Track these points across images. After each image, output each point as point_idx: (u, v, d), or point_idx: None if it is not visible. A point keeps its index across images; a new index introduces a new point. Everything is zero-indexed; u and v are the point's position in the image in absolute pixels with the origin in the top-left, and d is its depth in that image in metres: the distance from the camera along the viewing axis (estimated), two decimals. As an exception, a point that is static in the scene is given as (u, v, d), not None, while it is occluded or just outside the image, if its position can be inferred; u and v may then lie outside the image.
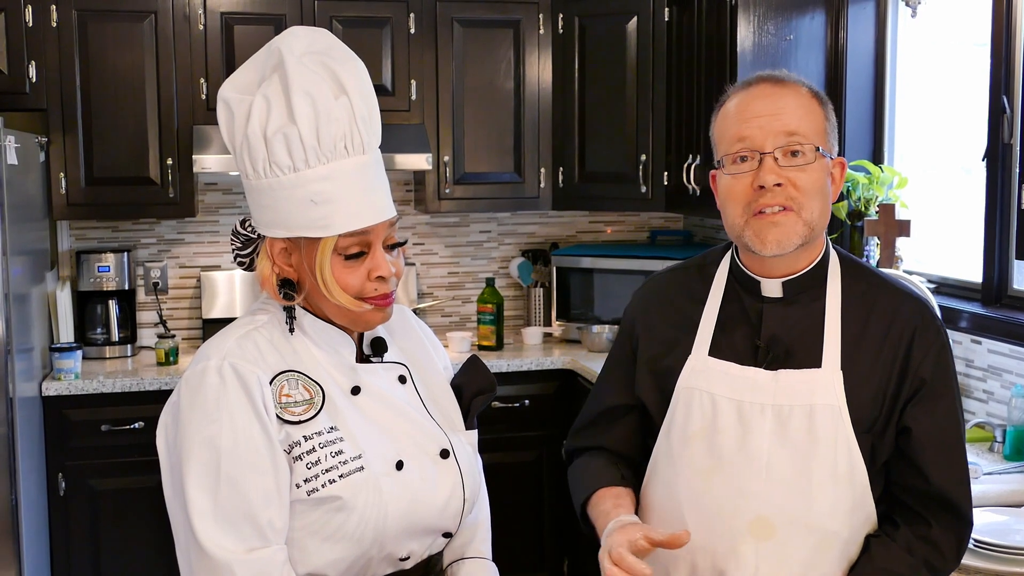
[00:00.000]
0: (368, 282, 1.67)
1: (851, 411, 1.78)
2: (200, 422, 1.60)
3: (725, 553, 1.80)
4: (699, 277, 1.96)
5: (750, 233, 1.80)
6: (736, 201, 1.81)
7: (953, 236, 3.63)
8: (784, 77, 1.86)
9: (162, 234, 4.62)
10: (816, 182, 1.79)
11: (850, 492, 1.79)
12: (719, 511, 1.81)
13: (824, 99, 1.87)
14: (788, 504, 1.78)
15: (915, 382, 1.80)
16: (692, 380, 1.87)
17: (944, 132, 3.67)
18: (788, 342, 1.83)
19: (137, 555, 4.01)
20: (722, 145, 1.85)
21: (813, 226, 1.80)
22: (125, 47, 4.16)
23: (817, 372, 1.80)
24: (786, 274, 1.86)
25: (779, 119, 1.79)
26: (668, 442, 1.89)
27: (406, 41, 4.40)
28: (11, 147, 3.58)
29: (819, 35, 3.83)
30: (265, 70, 1.66)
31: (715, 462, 1.82)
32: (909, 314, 1.83)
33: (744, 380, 1.83)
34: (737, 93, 1.87)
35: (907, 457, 1.81)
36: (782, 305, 1.86)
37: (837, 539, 1.79)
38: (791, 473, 1.78)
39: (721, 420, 1.83)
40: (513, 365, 4.28)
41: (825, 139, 1.82)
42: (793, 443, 1.78)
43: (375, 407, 1.72)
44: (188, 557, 1.62)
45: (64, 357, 3.96)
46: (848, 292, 1.86)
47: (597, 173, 4.52)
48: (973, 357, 3.17)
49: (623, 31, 4.39)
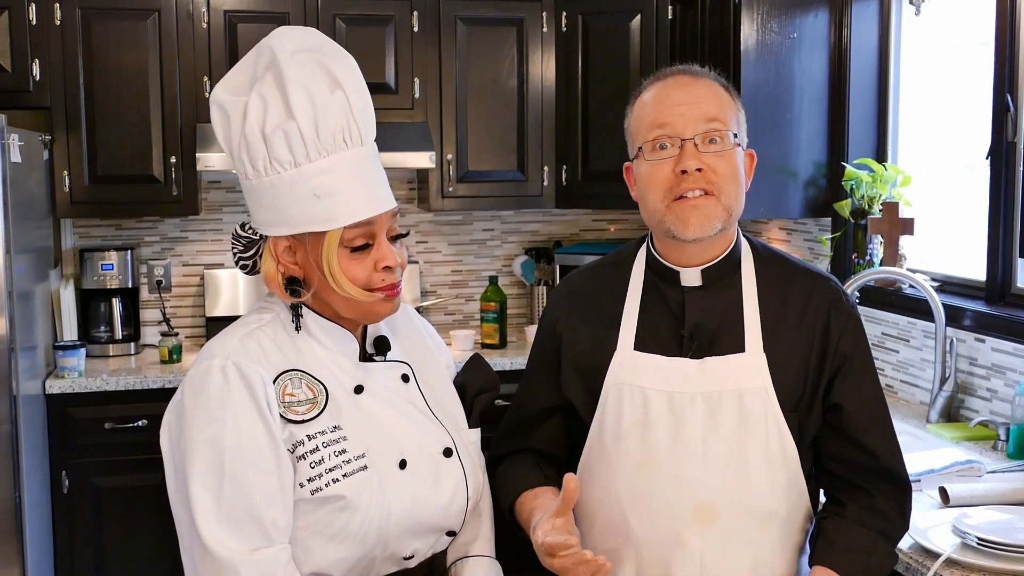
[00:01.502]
0: (375, 273, 1.67)
1: (777, 392, 1.84)
2: (204, 421, 1.61)
3: (670, 543, 1.84)
4: (616, 273, 1.99)
5: (672, 217, 1.83)
6: (657, 187, 1.85)
7: (956, 234, 3.63)
8: (698, 71, 1.92)
9: (165, 232, 4.62)
10: (733, 168, 1.84)
11: (784, 471, 1.84)
12: (660, 502, 1.84)
13: (734, 92, 1.93)
14: (727, 488, 1.82)
15: (837, 358, 1.87)
16: (620, 375, 1.89)
17: (948, 130, 3.67)
18: (711, 330, 1.88)
19: (140, 553, 4.01)
20: (640, 134, 1.89)
21: (731, 211, 1.85)
22: (128, 45, 4.16)
23: (742, 357, 1.85)
24: (703, 262, 1.90)
25: (699, 107, 1.84)
26: (600, 439, 1.91)
27: (409, 39, 4.40)
28: (15, 145, 3.59)
29: (823, 33, 3.83)
30: (257, 70, 1.66)
31: (650, 455, 1.85)
32: (823, 293, 1.91)
33: (672, 371, 1.86)
34: (653, 85, 1.92)
35: (843, 433, 1.88)
36: (702, 293, 1.90)
37: (776, 518, 1.85)
38: (727, 457, 1.82)
39: (653, 413, 1.85)
40: (516, 363, 4.28)
41: (739, 128, 1.88)
42: (726, 428, 1.83)
43: (378, 406, 1.73)
44: (192, 556, 1.63)
45: (68, 355, 3.96)
46: (762, 276, 1.92)
47: (600, 171, 4.52)
48: (976, 355, 3.17)
49: (627, 29, 4.39)
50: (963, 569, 2.09)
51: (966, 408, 3.21)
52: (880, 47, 3.83)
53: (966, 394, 3.21)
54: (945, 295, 3.34)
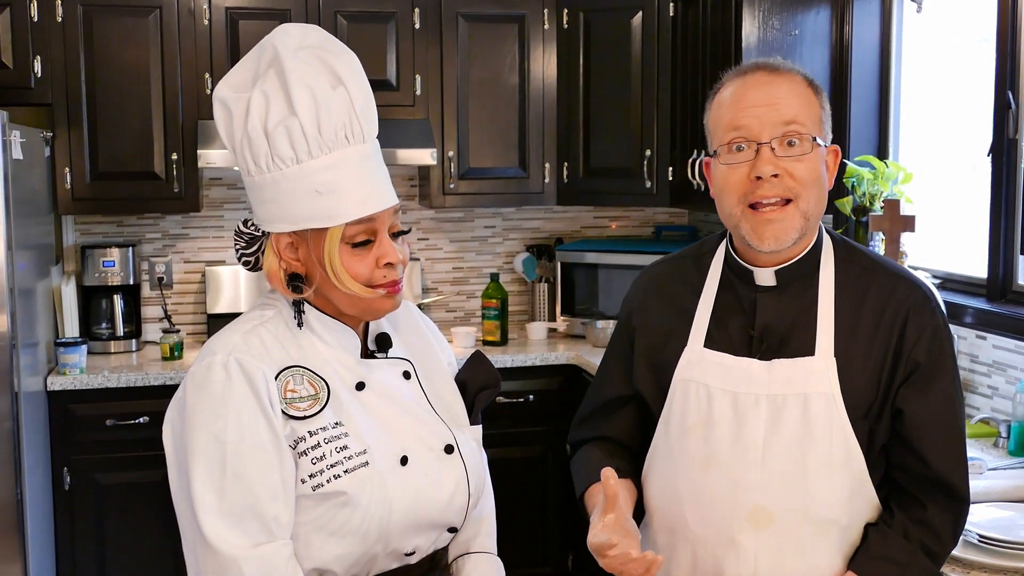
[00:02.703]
0: (377, 269, 1.67)
1: (846, 398, 1.78)
2: (206, 418, 1.61)
3: (725, 543, 1.81)
4: (695, 267, 1.96)
5: (747, 227, 1.79)
6: (732, 191, 1.80)
7: (958, 232, 3.62)
8: (780, 65, 1.84)
9: (167, 229, 4.62)
10: (813, 172, 1.78)
11: (847, 479, 1.80)
12: (717, 503, 1.82)
13: (818, 88, 1.86)
14: (785, 493, 1.79)
15: (909, 365, 1.80)
16: (688, 372, 1.87)
17: (949, 127, 3.67)
18: (782, 331, 1.83)
19: (142, 550, 4.01)
20: (717, 134, 1.83)
21: (809, 216, 1.80)
22: (130, 42, 4.16)
23: (811, 360, 1.80)
24: (780, 262, 1.85)
25: (776, 109, 1.78)
26: (666, 435, 1.90)
27: (411, 36, 4.40)
28: (16, 142, 3.59)
29: (824, 30, 3.82)
30: (259, 67, 1.66)
31: (711, 454, 1.83)
32: (903, 296, 1.83)
33: (738, 371, 1.83)
34: (732, 81, 1.85)
35: (902, 439, 1.81)
36: (776, 294, 1.86)
37: (835, 526, 1.80)
38: (786, 462, 1.79)
39: (716, 412, 1.83)
40: (517, 360, 4.29)
41: (820, 128, 1.82)
42: (788, 433, 1.79)
43: (380, 403, 1.73)
44: (194, 552, 1.63)
45: (69, 352, 3.96)
46: (842, 277, 1.86)
47: (602, 168, 4.52)
48: (978, 353, 3.17)
49: (628, 26, 4.38)
50: (964, 566, 2.09)
51: (967, 406, 3.21)
52: (882, 44, 3.83)
53: (967, 391, 3.21)
54: (946, 292, 3.34)
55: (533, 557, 4.37)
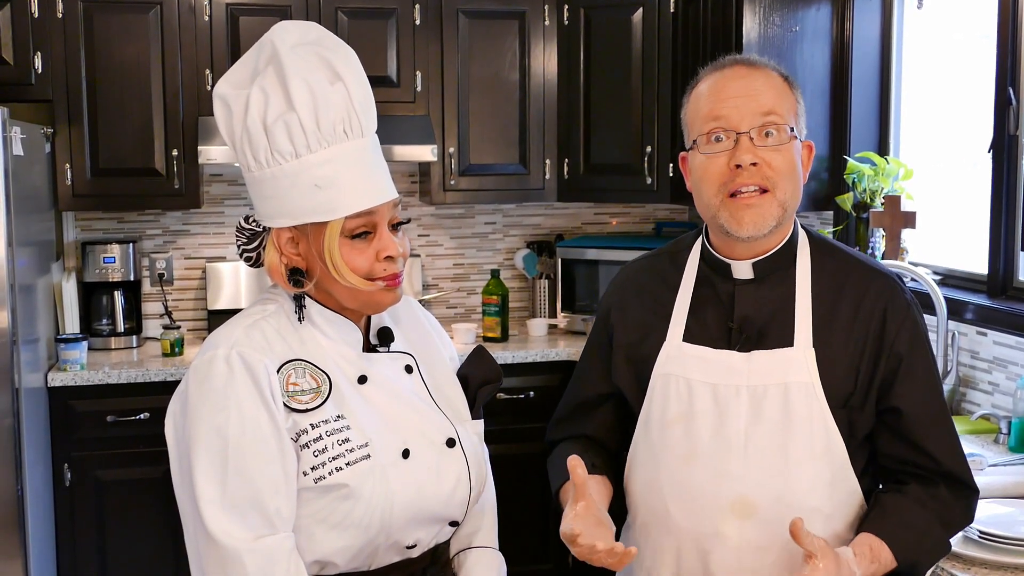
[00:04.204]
0: (377, 263, 1.68)
1: (825, 387, 1.81)
2: (208, 411, 1.61)
3: (709, 535, 1.83)
4: (671, 263, 1.98)
5: (726, 214, 1.82)
6: (711, 181, 1.83)
7: (958, 228, 3.63)
8: (756, 60, 1.89)
9: (167, 225, 4.63)
10: (789, 163, 1.82)
11: (829, 468, 1.81)
12: (700, 494, 1.83)
13: (794, 83, 1.89)
14: (767, 483, 1.81)
15: (892, 359, 1.83)
16: (668, 366, 1.89)
17: (950, 124, 3.67)
18: (760, 323, 1.86)
19: (142, 546, 4.02)
20: (695, 125, 1.87)
21: (786, 206, 1.83)
22: (130, 38, 4.16)
23: (789, 351, 1.83)
24: (756, 255, 1.87)
25: (754, 99, 1.81)
26: (647, 429, 1.91)
27: (411, 32, 4.40)
28: (17, 138, 3.59)
29: (825, 26, 3.83)
30: (258, 64, 1.68)
31: (693, 446, 1.84)
32: (879, 290, 1.86)
33: (718, 363, 1.85)
34: (710, 75, 1.89)
35: (903, 437, 1.84)
36: (753, 286, 1.88)
37: (818, 515, 1.81)
38: (769, 452, 1.81)
39: (697, 404, 1.85)
40: (518, 357, 4.29)
41: (796, 121, 1.85)
42: (769, 422, 1.81)
43: (381, 396, 1.73)
44: (196, 545, 1.63)
45: (69, 348, 3.96)
46: (818, 270, 1.89)
47: (602, 165, 4.52)
48: (978, 349, 3.17)
49: (629, 22, 4.38)
50: (964, 562, 2.09)
51: (968, 402, 3.21)
52: (882, 40, 3.83)
53: (968, 387, 3.21)
54: (947, 288, 3.34)
55: (534, 553, 4.38)
